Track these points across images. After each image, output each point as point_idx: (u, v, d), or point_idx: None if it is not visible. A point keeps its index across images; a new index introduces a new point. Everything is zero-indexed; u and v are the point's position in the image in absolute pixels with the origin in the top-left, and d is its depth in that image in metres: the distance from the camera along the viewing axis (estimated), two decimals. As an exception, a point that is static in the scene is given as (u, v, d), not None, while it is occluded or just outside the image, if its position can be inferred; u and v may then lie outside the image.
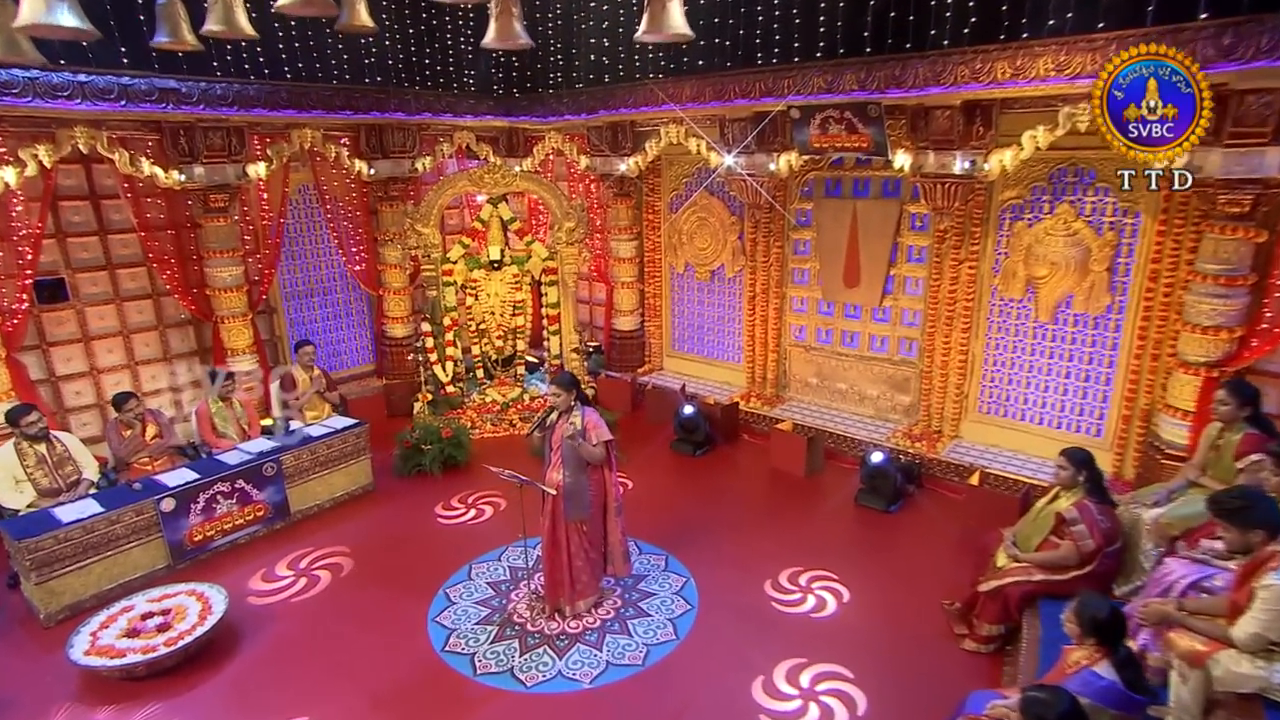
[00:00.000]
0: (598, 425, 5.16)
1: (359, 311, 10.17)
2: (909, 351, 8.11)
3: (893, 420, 8.30)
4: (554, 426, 5.28)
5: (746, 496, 7.41)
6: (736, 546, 6.42)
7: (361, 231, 9.61)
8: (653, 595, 5.81)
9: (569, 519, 5.21)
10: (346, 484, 7.34)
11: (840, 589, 5.85)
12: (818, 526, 6.77)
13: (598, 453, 5.13)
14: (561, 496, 5.20)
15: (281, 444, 6.98)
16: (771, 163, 8.04)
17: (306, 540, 6.68)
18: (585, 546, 5.34)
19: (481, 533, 6.73)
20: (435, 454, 7.79)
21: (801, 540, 6.50)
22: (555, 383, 5.21)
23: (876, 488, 7.12)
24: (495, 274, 9.19)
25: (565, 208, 9.12)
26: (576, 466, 5.17)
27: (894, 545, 6.47)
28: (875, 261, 8.03)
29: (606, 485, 5.31)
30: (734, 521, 6.84)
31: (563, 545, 5.31)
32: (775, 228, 8.73)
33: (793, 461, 7.79)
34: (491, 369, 9.55)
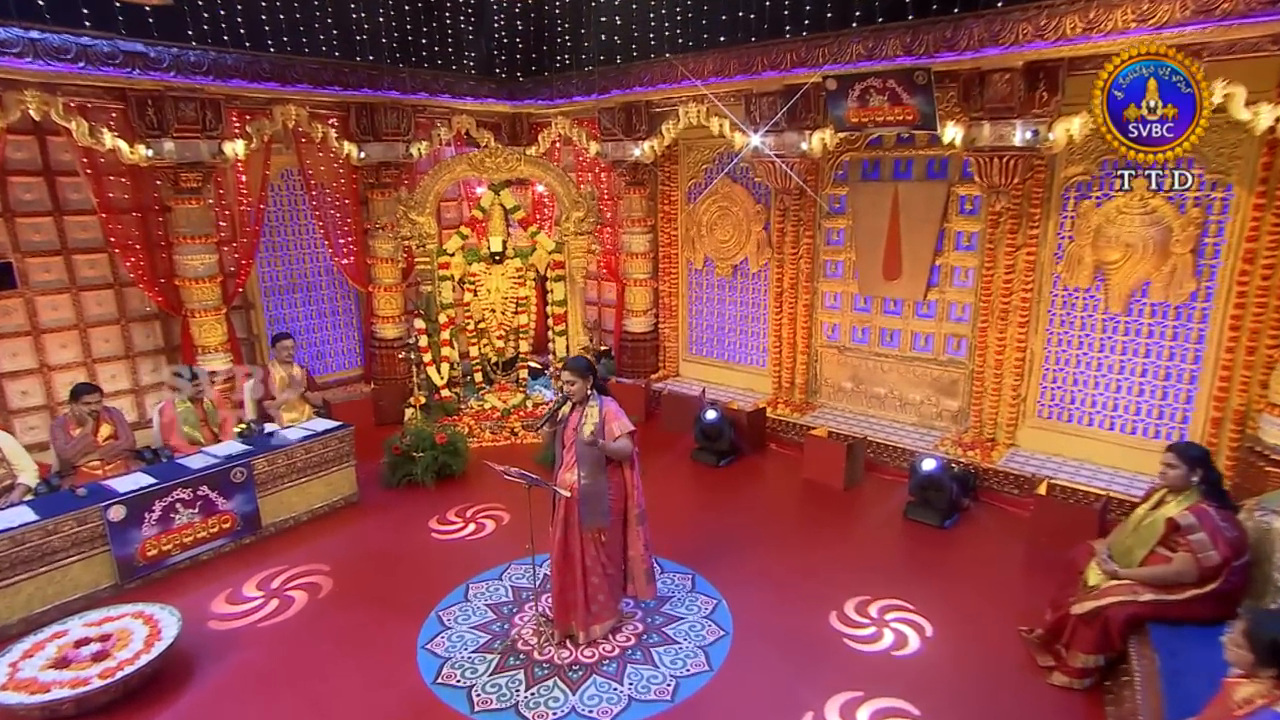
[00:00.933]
0: (618, 415, 4.59)
1: (346, 310, 9.57)
2: (957, 350, 7.51)
3: (939, 428, 7.67)
4: (567, 420, 4.68)
5: (779, 510, 6.81)
6: (773, 565, 5.79)
7: (350, 222, 9.06)
8: (680, 619, 5.13)
9: (585, 528, 4.60)
10: (327, 494, 6.69)
11: (910, 615, 5.16)
12: (864, 544, 6.15)
13: (623, 448, 4.54)
14: (576, 501, 4.59)
15: (254, 447, 6.32)
16: (803, 142, 7.51)
17: (280, 557, 6.01)
18: (603, 561, 4.71)
19: (481, 549, 6.06)
20: (428, 462, 7.15)
21: (847, 559, 5.89)
22: (569, 368, 4.62)
23: (928, 500, 6.48)
24: (496, 267, 8.64)
25: (574, 195, 8.59)
26: (594, 465, 4.57)
27: (954, 565, 5.82)
28: (919, 250, 7.48)
29: (628, 488, 4.70)
30: (768, 538, 6.23)
31: (576, 559, 4.67)
32: (806, 216, 8.18)
33: (829, 472, 7.16)
34: (491, 372, 8.95)
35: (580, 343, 8.95)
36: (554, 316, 8.84)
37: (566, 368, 4.64)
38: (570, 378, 4.60)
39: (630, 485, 4.70)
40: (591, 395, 4.63)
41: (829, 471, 7.17)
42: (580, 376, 4.60)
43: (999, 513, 6.62)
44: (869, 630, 4.99)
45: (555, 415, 4.73)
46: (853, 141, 7.67)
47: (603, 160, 9.33)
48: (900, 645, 4.86)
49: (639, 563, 4.84)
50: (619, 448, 4.54)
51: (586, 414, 4.58)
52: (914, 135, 7.31)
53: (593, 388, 4.65)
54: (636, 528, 4.77)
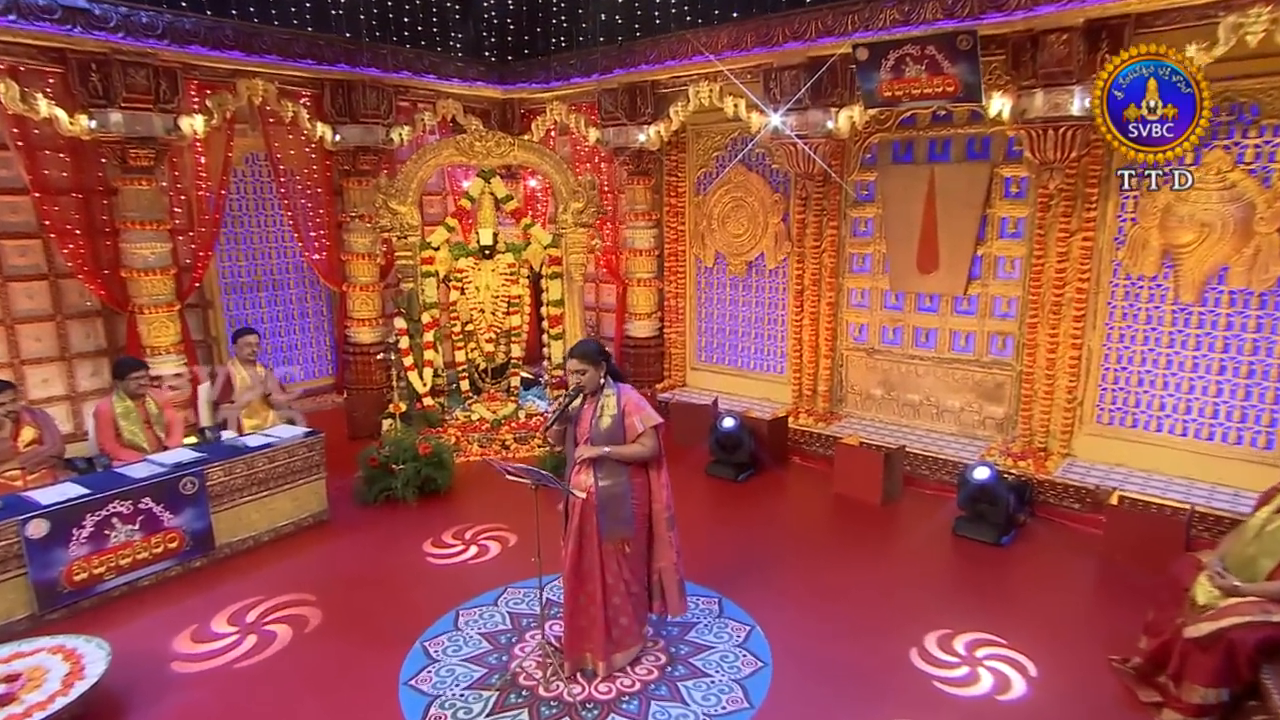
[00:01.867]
0: (641, 406, 4.06)
1: (316, 311, 8.99)
2: (1002, 350, 7.03)
3: (982, 437, 7.16)
4: (579, 415, 4.13)
5: (811, 528, 6.28)
6: (811, 588, 5.23)
7: (323, 213, 8.51)
8: (709, 648, 4.52)
9: (605, 539, 4.04)
10: (293, 511, 6.04)
11: (1002, 650, 4.56)
12: (914, 565, 5.60)
13: (646, 446, 4.00)
14: (594, 507, 4.01)
15: (207, 454, 5.66)
16: (829, 120, 7.07)
17: (240, 583, 5.35)
18: (626, 577, 4.12)
19: (483, 575, 5.41)
20: (409, 476, 6.52)
21: (898, 582, 5.33)
22: (575, 354, 4.10)
23: (981, 514, 5.93)
24: (486, 263, 8.09)
25: (572, 184, 8.08)
26: (613, 465, 4.03)
27: (1024, 589, 5.27)
28: (958, 239, 7.02)
29: (653, 490, 4.14)
30: (801, 558, 5.68)
31: (595, 577, 4.07)
32: (830, 204, 7.72)
33: (865, 485, 6.63)
34: (479, 380, 8.35)
35: (578, 348, 8.37)
36: (549, 318, 8.30)
37: (572, 354, 4.11)
38: (578, 366, 4.07)
39: (656, 485, 4.15)
40: (606, 383, 4.11)
41: (864, 485, 6.63)
42: (590, 363, 4.08)
43: (1059, 529, 6.10)
44: (961, 671, 4.34)
45: (565, 411, 4.18)
46: (883, 121, 7.26)
47: (603, 149, 8.86)
48: (1004, 689, 4.21)
49: (670, 574, 4.27)
50: (637, 451, 4.01)
51: (602, 406, 4.06)
52: (952, 112, 6.89)
53: (606, 374, 4.13)
54: (665, 534, 4.21)
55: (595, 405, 4.09)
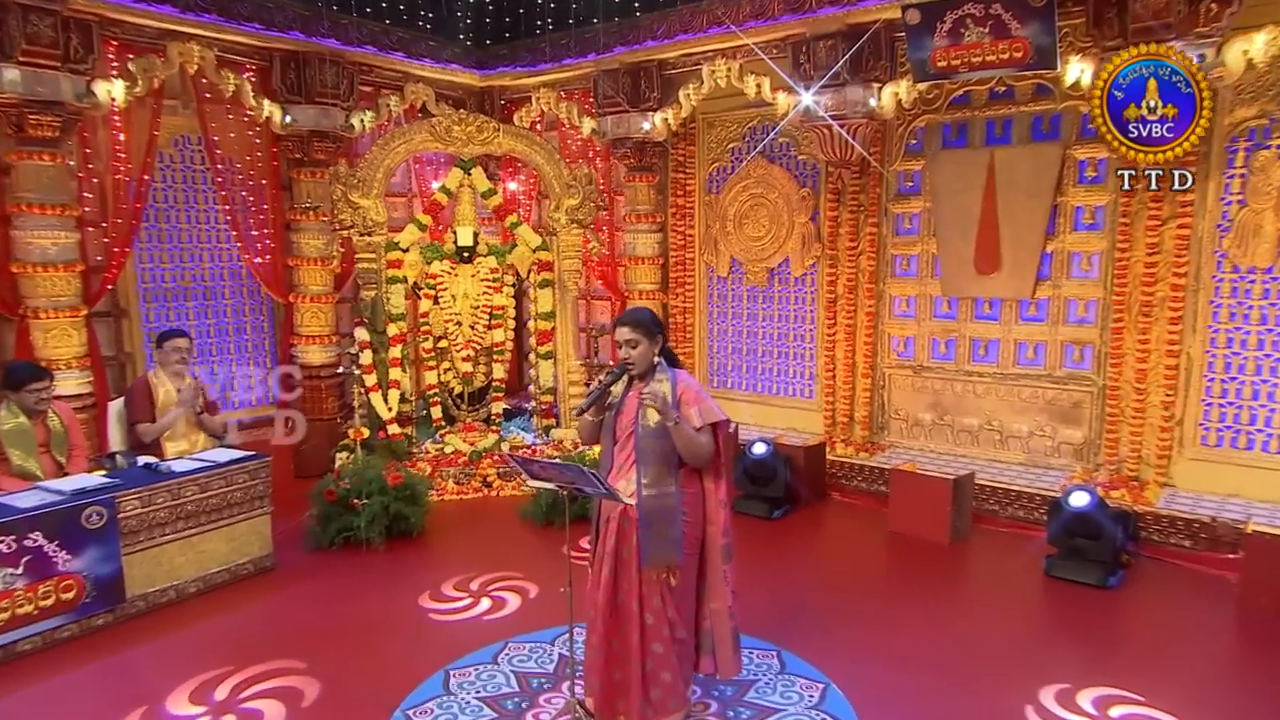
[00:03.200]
0: (701, 396, 3.57)
1: (257, 326, 8.29)
2: (1080, 363, 6.61)
3: (1058, 467, 6.69)
4: (621, 403, 3.63)
5: (871, 570, 5.80)
6: (890, 639, 4.63)
7: (267, 208, 7.91)
8: (776, 711, 3.89)
9: (648, 565, 3.48)
10: (229, 554, 5.30)
11: (1143, 710, 3.93)
12: (1010, 611, 5.04)
13: (703, 445, 3.49)
14: (633, 523, 3.48)
15: (120, 480, 4.88)
16: (871, 98, 6.70)
17: (151, 646, 4.55)
18: (670, 617, 3.52)
19: (497, 633, 4.68)
20: (375, 512, 5.79)
21: (996, 630, 4.76)
22: (628, 320, 3.60)
23: (1079, 550, 5.39)
24: (464, 268, 7.54)
25: (566, 178, 7.60)
26: (663, 469, 3.50)
27: (1146, 637, 4.72)
28: (1024, 234, 6.64)
29: (709, 508, 3.62)
30: (868, 604, 5.12)
31: (632, 615, 3.50)
32: (869, 199, 7.35)
33: (929, 521, 6.09)
34: (454, 406, 7.69)
35: (570, 369, 7.76)
36: (537, 334, 7.73)
37: (622, 320, 3.62)
38: (629, 334, 3.55)
39: (713, 502, 3.62)
40: (659, 366, 3.59)
41: (927, 520, 6.08)
42: (643, 333, 3.56)
43: (1171, 569, 5.56)
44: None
45: (605, 396, 3.62)
46: (930, 100, 6.92)
47: (598, 142, 8.44)
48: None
49: (722, 621, 3.67)
50: (697, 443, 3.46)
51: (650, 391, 3.49)
52: (1013, 87, 6.56)
53: (660, 353, 3.62)
54: (720, 567, 3.64)
55: (643, 390, 3.53)
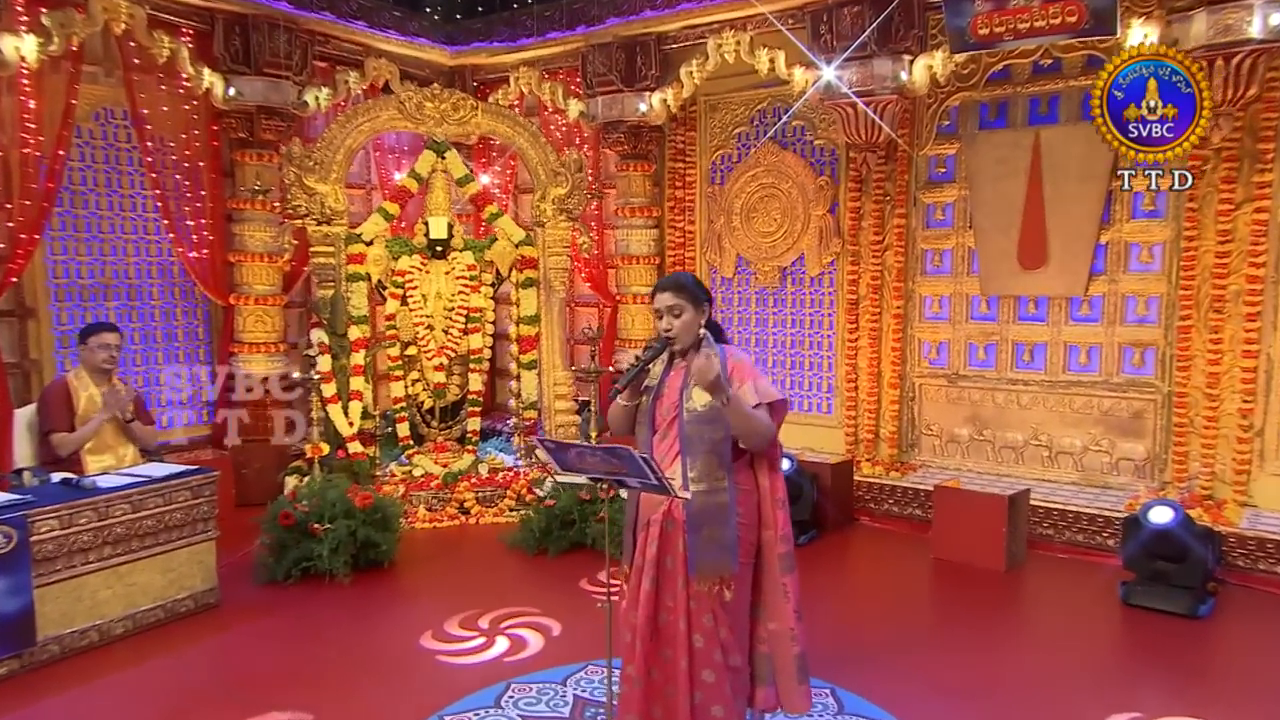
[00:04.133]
0: (753, 373, 3.33)
1: (191, 332, 7.90)
2: (1141, 367, 6.45)
3: (1116, 486, 6.49)
4: (661, 384, 3.38)
5: (921, 601, 5.64)
6: (956, 675, 4.38)
7: (206, 195, 7.59)
8: None
9: (697, 576, 3.21)
10: (164, 588, 4.84)
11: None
12: (1083, 644, 4.80)
13: (763, 424, 3.23)
14: (680, 525, 3.24)
15: (33, 498, 4.40)
16: (902, 71, 6.55)
17: (66, 699, 4.07)
18: (723, 638, 3.23)
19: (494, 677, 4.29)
20: (341, 539, 5.35)
21: (1069, 666, 4.51)
22: (669, 285, 3.36)
23: (1162, 575, 5.13)
24: (437, 264, 7.22)
25: (553, 164, 7.36)
26: (714, 459, 3.24)
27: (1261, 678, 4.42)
28: (1075, 223, 6.50)
29: (764, 508, 3.36)
30: (925, 638, 4.92)
31: (679, 636, 3.22)
32: (895, 187, 7.20)
33: (980, 546, 5.81)
34: (424, 422, 7.34)
35: (561, 383, 7.39)
36: (520, 340, 7.40)
37: (663, 286, 3.37)
38: (671, 300, 3.29)
39: (769, 501, 3.35)
40: (705, 341, 3.33)
41: (979, 545, 5.81)
42: (688, 299, 3.30)
43: (1261, 597, 5.34)
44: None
45: (643, 374, 3.36)
46: (966, 76, 6.79)
47: (587, 127, 8.23)
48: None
49: (784, 645, 3.34)
50: (755, 423, 3.18)
51: (697, 366, 3.19)
52: (1061, 60, 6.44)
53: (705, 324, 3.36)
54: (779, 579, 3.34)
55: (687, 373, 3.28)
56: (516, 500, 6.70)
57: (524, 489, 6.73)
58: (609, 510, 5.66)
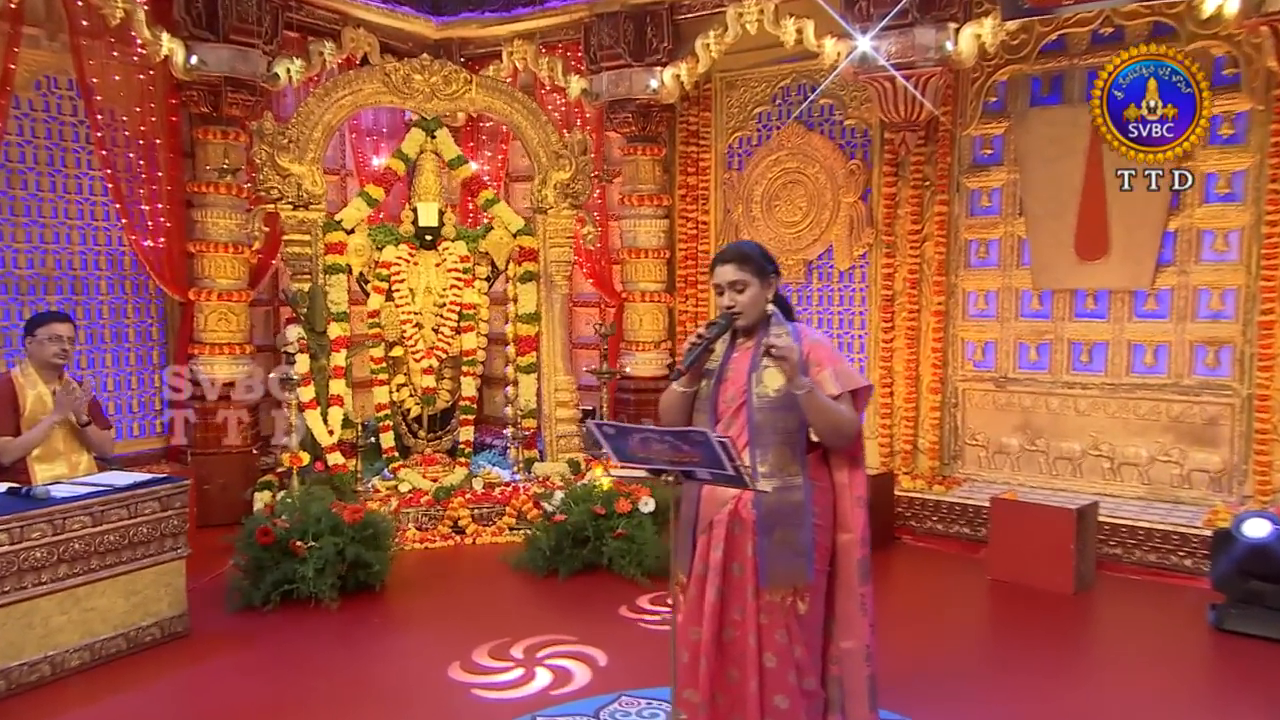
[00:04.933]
0: (834, 356, 3.28)
1: (143, 331, 7.65)
2: (1215, 368, 6.37)
3: (1188, 500, 6.39)
4: (723, 367, 3.30)
5: (984, 625, 5.62)
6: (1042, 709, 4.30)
7: (163, 176, 7.32)
8: None
9: (767, 586, 3.14)
10: (127, 615, 4.60)
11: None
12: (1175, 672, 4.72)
13: (846, 418, 3.16)
14: (749, 527, 3.15)
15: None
16: (947, 41, 6.44)
17: None
18: (797, 658, 3.15)
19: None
20: (329, 559, 5.13)
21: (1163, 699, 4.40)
22: (731, 256, 3.27)
23: (1258, 597, 4.98)
24: (426, 255, 7.11)
25: (555, 146, 7.28)
26: (786, 453, 3.17)
27: None
28: (1140, 208, 6.40)
29: (841, 508, 3.27)
30: (996, 664, 4.89)
31: (747, 657, 3.13)
32: (936, 171, 7.14)
33: (1044, 566, 5.67)
34: (410, 432, 7.15)
35: (559, 386, 7.17)
36: (518, 341, 7.27)
37: (724, 257, 3.28)
38: (734, 274, 3.20)
39: (846, 500, 3.26)
40: (774, 318, 3.26)
41: (1043, 565, 5.67)
42: (753, 271, 3.21)
43: None
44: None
45: (706, 355, 3.23)
46: (1016, 48, 6.73)
47: (589, 105, 8.09)
48: None
49: (856, 665, 3.27)
50: (837, 415, 3.10)
51: (767, 347, 3.14)
52: (1123, 28, 6.41)
53: (773, 299, 3.29)
54: (856, 589, 3.25)
55: (755, 353, 3.19)
56: (518, 518, 6.49)
57: (526, 505, 6.49)
58: (627, 526, 5.70)
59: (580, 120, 8.30)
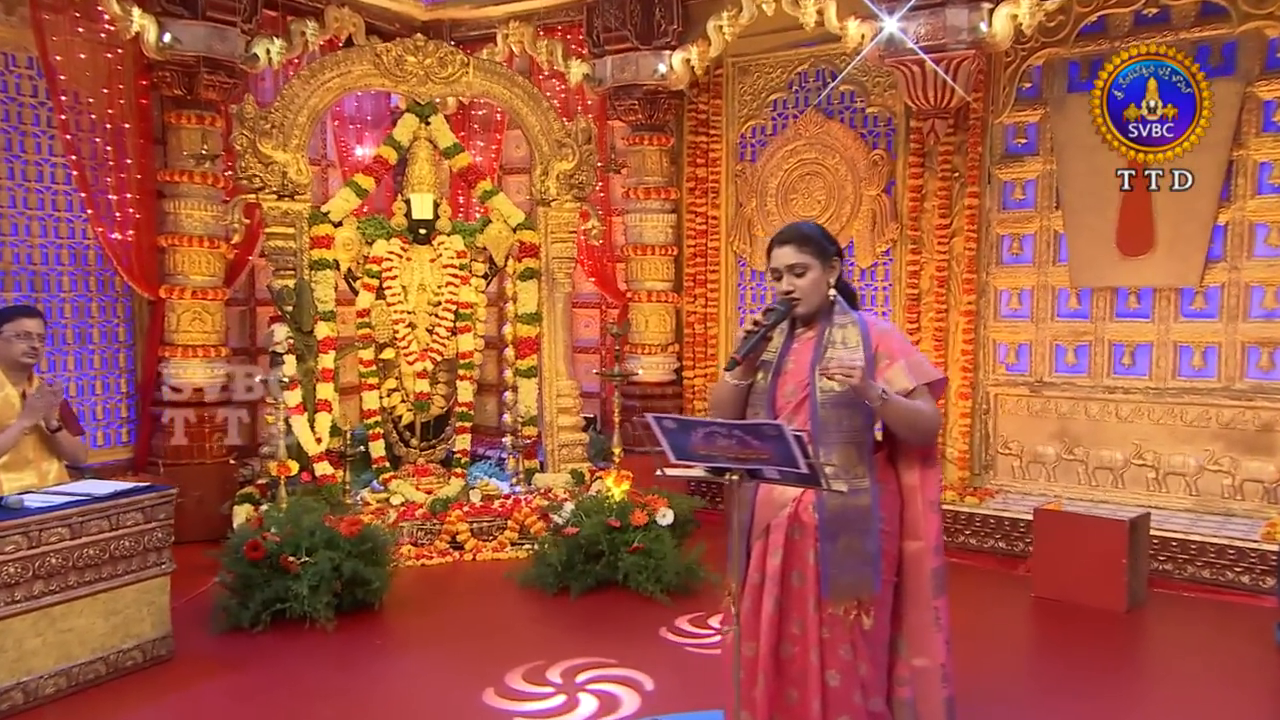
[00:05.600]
0: (906, 348, 3.27)
1: (109, 332, 7.59)
2: (1269, 371, 6.37)
3: (1240, 513, 6.38)
4: (783, 358, 3.26)
5: (1032, 647, 5.58)
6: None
7: (132, 163, 7.23)
8: None
9: (831, 597, 3.10)
10: (107, 636, 4.48)
11: None
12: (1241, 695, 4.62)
13: (927, 416, 3.14)
14: (811, 533, 3.11)
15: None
16: (981, 22, 6.43)
17: None
18: (864, 679, 3.11)
19: None
20: (325, 575, 5.01)
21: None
22: (791, 237, 3.22)
23: None
24: (420, 250, 7.05)
25: (557, 134, 7.25)
26: (851, 452, 3.15)
27: None
28: (1188, 200, 6.40)
29: (910, 513, 3.24)
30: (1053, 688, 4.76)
31: (809, 675, 3.09)
32: (966, 162, 7.16)
33: (1093, 582, 5.62)
34: (401, 441, 7.05)
35: (561, 391, 7.08)
36: (517, 344, 7.20)
37: (784, 238, 3.23)
38: (795, 257, 3.17)
39: (917, 504, 3.23)
40: (838, 305, 3.24)
41: (1092, 581, 5.63)
42: (814, 254, 3.18)
43: None
44: None
45: (763, 344, 3.18)
46: (1052, 30, 6.74)
47: (591, 92, 8.04)
48: None
49: (932, 688, 3.19)
50: (923, 418, 3.09)
51: (829, 341, 3.16)
52: (1169, 7, 6.44)
53: (835, 284, 3.26)
54: (930, 604, 3.20)
55: (818, 343, 3.17)
56: (520, 533, 6.39)
57: (529, 518, 6.40)
58: (644, 539, 5.61)
59: (581, 107, 8.23)
